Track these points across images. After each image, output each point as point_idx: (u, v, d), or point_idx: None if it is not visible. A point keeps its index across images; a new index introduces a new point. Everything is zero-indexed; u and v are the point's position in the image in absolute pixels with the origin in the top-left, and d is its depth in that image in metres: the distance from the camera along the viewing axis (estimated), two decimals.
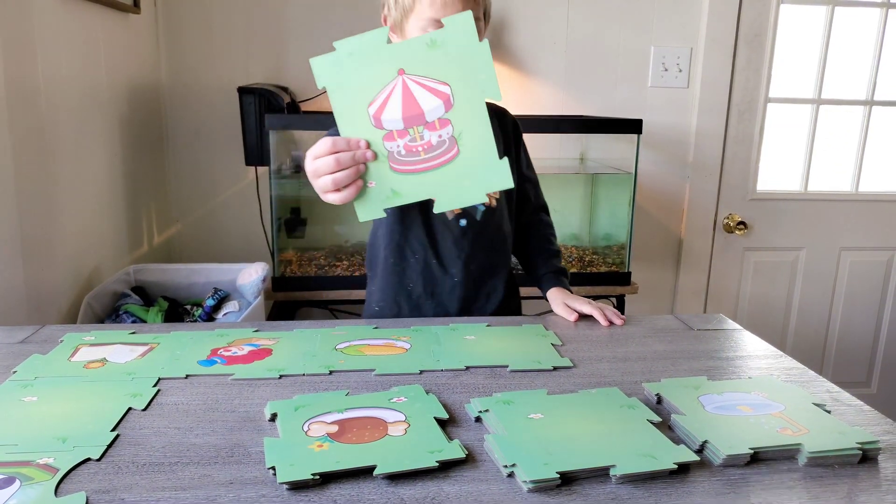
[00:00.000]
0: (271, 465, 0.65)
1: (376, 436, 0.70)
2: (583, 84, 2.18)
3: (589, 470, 0.64)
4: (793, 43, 2.25)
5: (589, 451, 0.67)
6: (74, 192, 1.53)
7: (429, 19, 1.01)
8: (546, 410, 0.76)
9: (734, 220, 2.30)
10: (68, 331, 1.02)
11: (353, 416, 0.74)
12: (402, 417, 0.74)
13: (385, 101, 0.90)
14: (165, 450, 0.68)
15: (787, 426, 0.73)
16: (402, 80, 0.90)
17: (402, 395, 0.80)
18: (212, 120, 2.08)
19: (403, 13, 1.04)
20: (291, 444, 0.69)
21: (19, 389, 0.81)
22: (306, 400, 0.78)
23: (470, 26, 0.88)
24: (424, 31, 0.99)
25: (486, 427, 0.74)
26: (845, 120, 2.34)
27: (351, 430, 0.72)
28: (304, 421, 0.73)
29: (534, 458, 0.65)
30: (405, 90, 0.90)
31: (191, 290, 1.74)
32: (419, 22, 1.02)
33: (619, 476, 0.63)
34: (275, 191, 1.80)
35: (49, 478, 0.62)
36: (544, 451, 0.67)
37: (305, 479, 0.62)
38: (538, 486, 0.62)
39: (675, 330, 1.07)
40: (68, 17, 1.51)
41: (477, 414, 0.76)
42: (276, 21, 2.04)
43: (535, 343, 1.00)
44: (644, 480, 0.64)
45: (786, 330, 2.45)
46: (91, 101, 1.62)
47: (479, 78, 0.90)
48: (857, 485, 0.64)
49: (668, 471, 0.65)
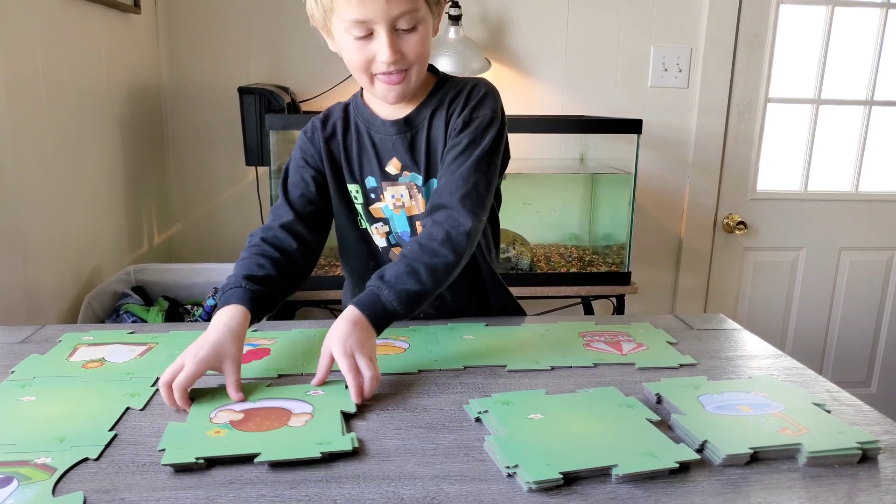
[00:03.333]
0: (163, 447, 0.67)
1: (275, 425, 0.72)
2: (583, 84, 2.18)
3: (591, 470, 0.64)
4: (793, 43, 2.25)
5: (590, 450, 0.67)
6: (74, 192, 1.53)
7: (351, 21, 0.90)
8: (545, 410, 0.76)
9: (734, 220, 2.29)
10: (68, 331, 1.02)
11: (261, 406, 0.77)
12: (309, 409, 0.76)
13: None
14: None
15: (786, 426, 0.73)
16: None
17: (320, 389, 0.81)
18: (212, 120, 2.08)
19: (325, 13, 0.94)
20: (190, 430, 0.71)
21: (17, 389, 0.81)
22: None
23: None
24: (349, 33, 0.91)
25: (486, 428, 0.74)
26: (845, 120, 2.33)
27: (254, 419, 0.74)
28: (214, 408, 0.76)
29: (535, 458, 0.65)
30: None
31: (191, 289, 1.74)
32: (342, 23, 0.92)
33: (620, 476, 0.63)
34: (275, 191, 1.80)
35: (47, 477, 0.62)
36: (546, 451, 0.67)
37: (189, 463, 0.64)
38: (540, 487, 0.62)
39: (675, 330, 1.07)
40: (68, 17, 1.51)
41: (476, 415, 0.76)
42: (276, 21, 2.04)
43: (534, 343, 1.00)
44: (644, 480, 0.64)
45: (786, 330, 2.45)
46: (91, 101, 1.62)
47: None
48: (856, 485, 0.64)
49: (669, 470, 0.65)
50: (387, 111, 1.03)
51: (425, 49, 0.94)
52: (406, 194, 1.04)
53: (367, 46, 0.92)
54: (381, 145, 1.04)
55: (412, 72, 0.95)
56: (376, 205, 1.06)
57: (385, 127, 1.03)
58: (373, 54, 0.92)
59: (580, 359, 0.94)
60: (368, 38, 0.91)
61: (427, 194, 1.04)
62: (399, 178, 1.04)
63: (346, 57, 0.96)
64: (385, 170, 1.04)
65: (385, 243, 1.09)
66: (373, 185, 1.05)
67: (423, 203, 1.04)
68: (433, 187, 1.03)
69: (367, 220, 1.08)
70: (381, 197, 1.05)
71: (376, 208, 1.07)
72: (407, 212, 1.05)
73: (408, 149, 1.03)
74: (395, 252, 1.09)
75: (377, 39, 0.91)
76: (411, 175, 1.03)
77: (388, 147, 1.03)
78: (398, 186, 1.04)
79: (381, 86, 0.95)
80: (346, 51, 0.94)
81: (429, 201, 1.00)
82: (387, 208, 1.06)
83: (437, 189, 0.99)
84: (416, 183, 1.03)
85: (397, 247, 1.09)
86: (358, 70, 0.95)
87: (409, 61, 0.93)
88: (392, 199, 1.05)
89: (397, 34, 0.91)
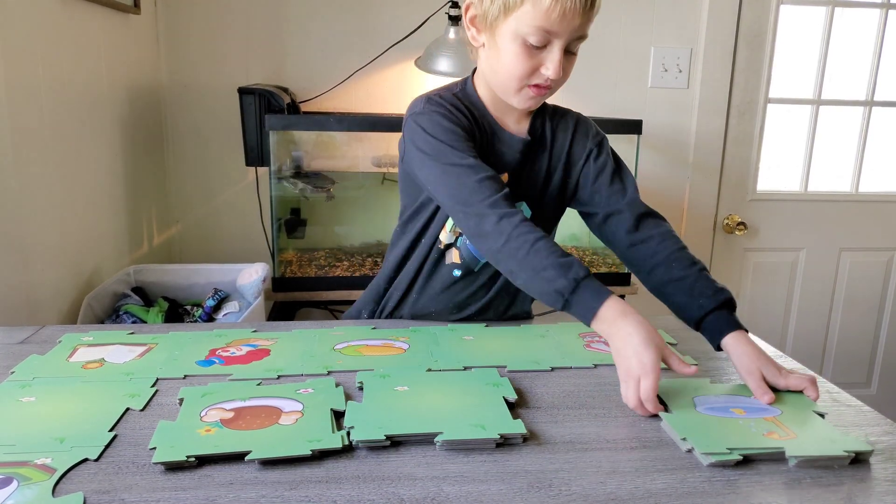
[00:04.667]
0: (153, 445, 0.67)
1: (266, 423, 0.72)
2: (583, 84, 2.18)
3: (416, 435, 0.70)
4: (793, 43, 2.25)
5: (424, 419, 0.73)
6: (74, 192, 1.53)
7: (535, 27, 0.86)
8: (414, 384, 0.82)
9: (734, 221, 2.29)
10: (68, 331, 1.02)
11: (252, 405, 0.77)
12: (300, 408, 0.76)
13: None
14: None
15: (774, 430, 0.73)
16: None
17: (311, 387, 0.81)
18: (212, 120, 2.08)
19: (503, 10, 0.88)
20: (181, 428, 0.71)
21: (17, 390, 0.81)
22: (216, 388, 0.81)
23: None
24: (524, 37, 0.88)
25: (359, 396, 0.80)
26: (845, 120, 2.33)
27: (245, 417, 0.74)
28: (204, 407, 0.76)
29: (368, 422, 0.71)
30: None
31: (191, 290, 1.74)
32: (522, 26, 0.87)
33: (441, 442, 0.69)
34: (275, 191, 1.80)
35: (47, 478, 0.62)
36: (381, 418, 0.73)
37: (180, 461, 0.64)
38: (370, 445, 0.68)
39: (675, 330, 1.07)
40: (68, 17, 1.51)
41: (358, 384, 0.82)
42: (276, 21, 2.04)
43: (534, 343, 1.00)
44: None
45: (786, 330, 2.45)
46: (91, 101, 1.62)
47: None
48: (856, 485, 0.64)
49: (495, 442, 0.69)
50: (507, 125, 1.01)
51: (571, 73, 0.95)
52: None
53: (536, 56, 0.90)
54: (502, 158, 1.00)
55: (554, 90, 0.95)
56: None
57: (513, 142, 1.00)
58: (538, 65, 0.90)
59: (580, 359, 0.94)
60: (540, 49, 0.90)
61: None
62: None
63: (506, 60, 0.91)
64: None
65: (451, 240, 1.04)
66: None
67: None
68: (522, 209, 1.00)
69: (448, 237, 1.04)
70: None
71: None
72: None
73: (523, 169, 1.02)
74: (453, 255, 1.05)
75: (550, 52, 0.89)
76: None
77: (507, 162, 1.00)
78: None
79: (527, 95, 0.94)
80: (508, 54, 0.91)
81: (623, 214, 1.02)
82: None
83: (623, 202, 1.02)
84: None
85: (458, 251, 1.05)
86: (514, 77, 0.92)
87: (561, 81, 0.93)
88: None
89: (565, 53, 0.91)
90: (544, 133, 1.04)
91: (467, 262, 1.05)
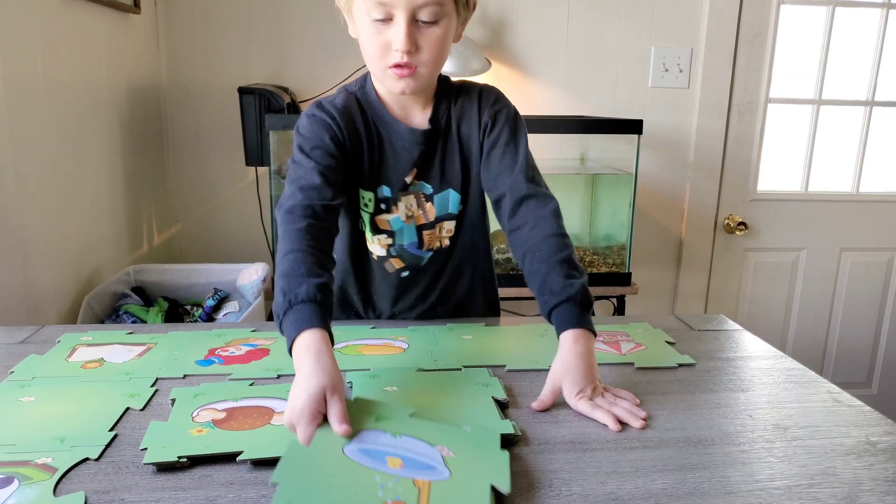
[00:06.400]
0: (145, 446, 0.67)
1: (258, 424, 0.72)
2: (583, 84, 2.18)
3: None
4: (793, 43, 2.25)
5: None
6: (74, 192, 1.53)
7: (373, 1, 0.85)
8: (402, 384, 0.82)
9: (735, 221, 2.29)
10: (67, 331, 1.02)
11: (244, 405, 0.76)
12: None
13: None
14: None
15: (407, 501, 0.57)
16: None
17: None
18: (212, 120, 2.08)
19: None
20: (173, 429, 0.71)
21: (16, 389, 0.81)
22: (208, 388, 0.81)
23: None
24: (368, 14, 0.86)
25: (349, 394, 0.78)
26: (846, 120, 2.33)
27: (237, 417, 0.73)
28: (196, 407, 0.75)
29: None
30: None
31: (191, 290, 1.74)
32: (364, 2, 0.86)
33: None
34: (275, 191, 1.80)
35: (48, 477, 0.62)
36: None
37: (171, 462, 0.64)
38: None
39: (675, 330, 1.07)
40: (68, 17, 1.51)
41: (348, 384, 0.81)
42: (276, 21, 2.04)
43: (534, 343, 1.00)
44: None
45: (786, 330, 2.45)
46: (91, 101, 1.62)
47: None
48: (857, 486, 0.64)
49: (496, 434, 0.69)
50: (408, 118, 0.98)
51: (442, 48, 0.89)
52: (414, 203, 1.01)
53: (384, 32, 0.87)
54: (403, 154, 0.99)
55: (423, 70, 0.89)
56: (384, 216, 1.01)
57: (411, 136, 0.98)
58: (388, 41, 0.87)
59: None
60: (387, 24, 0.86)
61: (439, 203, 1.01)
62: (410, 187, 1.01)
63: (363, 42, 0.90)
64: (403, 179, 1.00)
65: (384, 253, 1.05)
66: (386, 194, 1.00)
67: (431, 212, 1.02)
68: (450, 196, 1.01)
69: (371, 230, 1.03)
70: (393, 208, 1.01)
71: (383, 220, 1.02)
72: (415, 221, 1.02)
73: (432, 159, 1.00)
74: (393, 263, 1.06)
75: (395, 25, 0.86)
76: (420, 184, 1.01)
77: (411, 157, 0.99)
78: (409, 196, 1.01)
79: (392, 77, 0.89)
80: (363, 35, 0.89)
81: (505, 197, 0.95)
82: (397, 220, 1.01)
83: (507, 183, 0.95)
84: (423, 192, 1.01)
85: (397, 258, 1.05)
86: (372, 58, 0.90)
87: (423, 57, 0.88)
88: (405, 209, 1.01)
89: (417, 25, 0.86)
90: (449, 117, 0.99)
91: (410, 263, 1.06)
